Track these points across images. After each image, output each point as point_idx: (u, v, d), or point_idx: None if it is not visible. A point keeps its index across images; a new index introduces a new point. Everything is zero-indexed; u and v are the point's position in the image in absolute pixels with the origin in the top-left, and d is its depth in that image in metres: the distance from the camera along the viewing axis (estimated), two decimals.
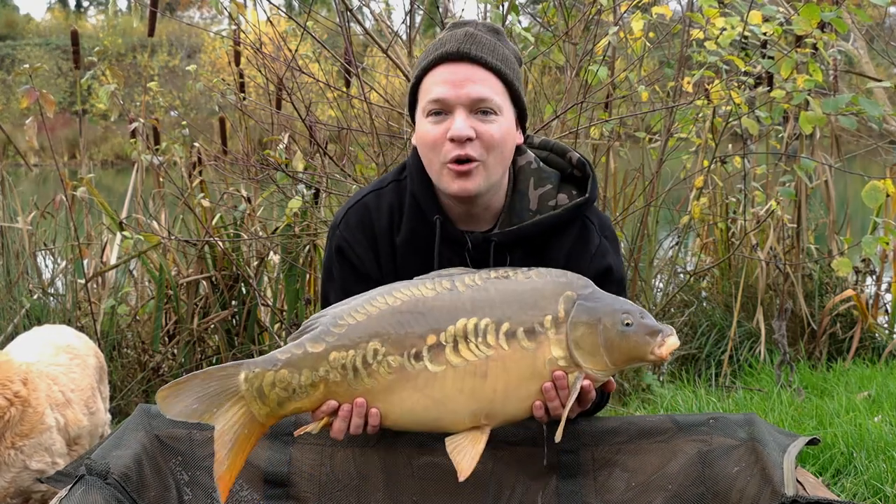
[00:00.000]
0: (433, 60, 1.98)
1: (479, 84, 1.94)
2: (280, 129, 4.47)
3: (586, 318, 1.80)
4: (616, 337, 1.80)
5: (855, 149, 5.91)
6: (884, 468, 2.98)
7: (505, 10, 3.69)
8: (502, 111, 1.96)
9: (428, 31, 5.36)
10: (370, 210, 2.10)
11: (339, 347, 1.80)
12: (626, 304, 1.84)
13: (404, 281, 1.88)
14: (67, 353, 2.71)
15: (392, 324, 1.80)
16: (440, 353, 1.78)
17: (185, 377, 1.81)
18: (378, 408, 1.81)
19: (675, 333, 1.82)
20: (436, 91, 1.95)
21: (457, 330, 1.78)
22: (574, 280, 1.86)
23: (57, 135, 9.12)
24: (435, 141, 1.96)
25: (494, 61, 1.96)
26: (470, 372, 1.78)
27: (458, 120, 1.92)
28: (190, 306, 4.20)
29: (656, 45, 4.46)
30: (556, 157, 2.14)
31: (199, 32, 23.99)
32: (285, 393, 1.81)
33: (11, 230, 4.29)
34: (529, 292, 1.82)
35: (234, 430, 1.81)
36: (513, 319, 1.79)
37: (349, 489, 2.07)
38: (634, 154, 5.13)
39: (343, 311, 1.83)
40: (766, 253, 4.73)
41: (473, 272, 1.87)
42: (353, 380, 1.80)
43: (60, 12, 46.34)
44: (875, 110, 3.21)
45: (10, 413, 2.31)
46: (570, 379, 1.80)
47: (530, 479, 2.06)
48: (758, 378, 4.32)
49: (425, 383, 1.78)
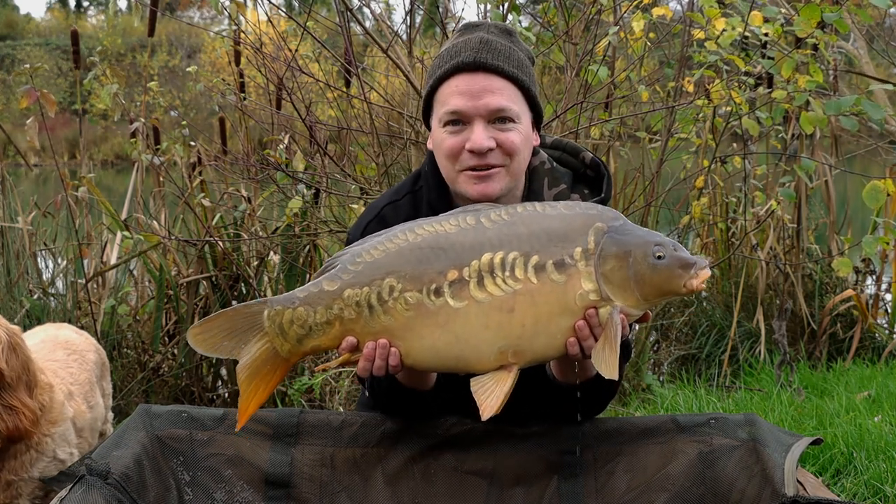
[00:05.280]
0: (449, 70, 1.97)
1: (496, 94, 1.94)
2: (280, 129, 4.47)
3: (616, 250, 1.76)
4: (647, 270, 1.75)
5: (855, 149, 5.91)
6: (884, 468, 2.98)
7: (505, 9, 3.69)
8: (520, 118, 1.97)
9: (428, 31, 5.35)
10: (388, 223, 2.06)
11: (354, 285, 1.80)
12: (658, 236, 1.80)
13: (428, 217, 1.87)
14: (65, 348, 2.72)
15: (410, 260, 1.78)
16: (463, 288, 1.75)
17: (214, 314, 1.86)
18: (399, 346, 1.79)
19: (707, 265, 1.78)
20: (453, 102, 1.95)
21: (482, 264, 1.75)
22: (604, 212, 1.82)
23: (57, 135, 9.12)
24: (453, 150, 1.97)
25: (511, 69, 1.95)
26: (496, 307, 1.74)
27: (478, 132, 1.93)
28: (190, 306, 4.20)
29: (657, 44, 4.46)
30: (568, 157, 2.14)
31: (199, 32, 24.04)
32: (303, 330, 1.83)
33: (11, 230, 4.28)
34: (558, 225, 1.78)
35: (256, 364, 1.84)
36: (542, 252, 1.75)
37: (350, 490, 2.07)
38: (634, 154, 5.13)
39: (362, 249, 1.83)
40: (766, 253, 4.73)
41: (500, 208, 1.84)
42: (369, 317, 1.79)
43: (60, 12, 46.35)
44: (877, 113, 3.20)
45: (45, 399, 2.32)
46: (601, 314, 1.76)
47: (531, 480, 2.06)
48: (758, 378, 4.32)
49: (447, 319, 1.75)
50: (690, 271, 1.76)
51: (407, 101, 4.17)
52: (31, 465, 2.27)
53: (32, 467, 2.28)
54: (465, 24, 2.08)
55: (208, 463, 2.07)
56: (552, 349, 1.78)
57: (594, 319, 1.75)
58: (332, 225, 4.18)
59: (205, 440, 2.07)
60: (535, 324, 1.75)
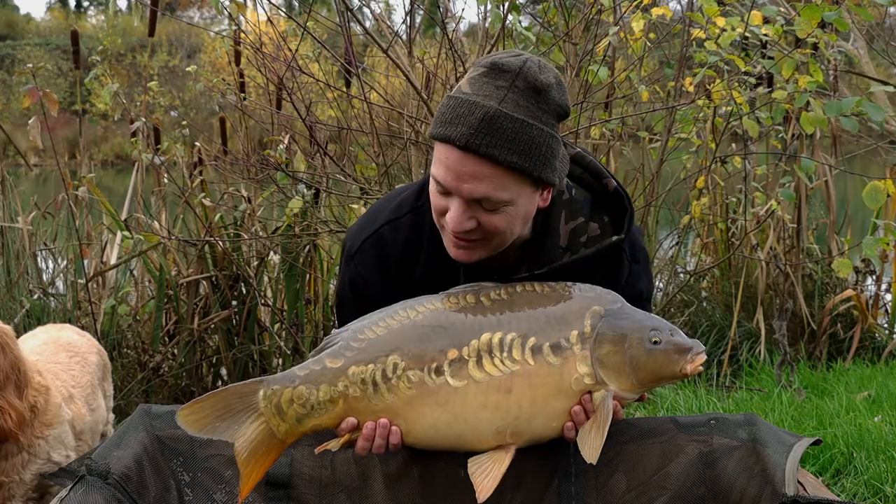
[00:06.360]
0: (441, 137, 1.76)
1: (484, 182, 1.73)
2: (280, 129, 4.47)
3: (612, 334, 1.76)
4: (643, 355, 1.75)
5: (855, 149, 5.91)
6: (884, 468, 2.98)
7: (505, 10, 3.68)
8: (513, 201, 1.78)
9: (428, 31, 5.35)
10: (387, 244, 2.01)
11: (359, 362, 1.78)
12: (656, 320, 1.79)
13: (428, 295, 1.84)
14: (67, 350, 2.71)
15: (412, 338, 1.77)
16: (462, 368, 1.75)
17: (206, 395, 1.82)
18: (399, 425, 1.78)
19: (703, 350, 1.78)
20: (439, 171, 1.78)
21: (481, 344, 1.75)
22: (603, 295, 1.81)
23: (57, 134, 9.11)
24: (437, 208, 1.84)
25: (509, 157, 1.71)
26: (494, 387, 1.74)
27: (456, 211, 1.77)
28: (190, 306, 4.20)
29: (657, 44, 4.46)
30: (590, 178, 1.98)
31: (199, 32, 24.02)
32: (304, 409, 1.80)
33: (11, 230, 4.28)
34: (556, 307, 1.79)
35: (252, 447, 1.80)
36: (539, 334, 1.76)
37: (350, 491, 2.07)
38: (635, 154, 5.13)
39: (363, 326, 1.81)
40: (767, 253, 4.73)
41: (500, 286, 1.82)
42: (373, 395, 1.77)
43: (60, 12, 46.31)
44: (878, 115, 3.19)
45: (39, 401, 2.31)
46: (595, 398, 1.76)
47: (532, 481, 2.06)
48: (758, 378, 4.32)
49: (447, 398, 1.75)
50: (687, 356, 1.76)
51: (407, 101, 4.17)
52: (23, 467, 2.26)
53: (25, 469, 2.26)
54: (493, 63, 1.76)
55: (208, 463, 2.08)
56: (549, 430, 1.80)
57: (590, 405, 1.76)
58: (332, 225, 4.18)
59: (205, 441, 2.07)
60: (532, 405, 1.76)
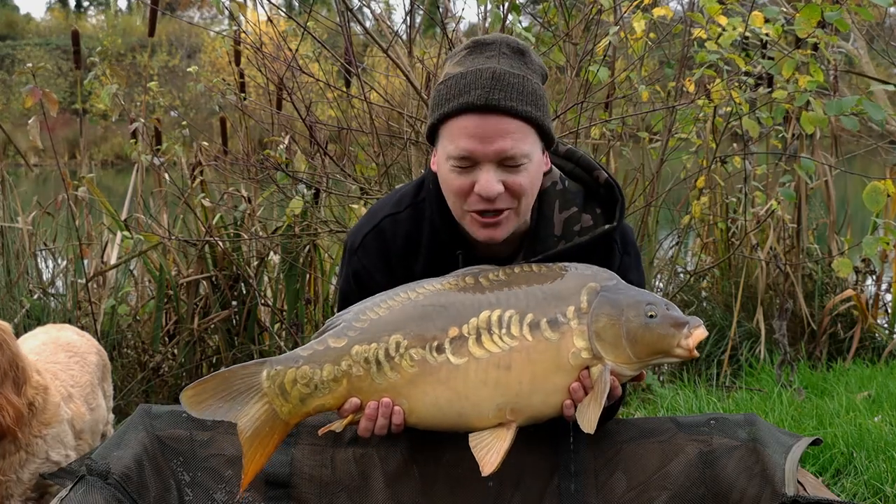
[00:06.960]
0: (458, 108, 1.83)
1: (508, 138, 1.81)
2: (280, 129, 4.47)
3: (608, 309, 1.79)
4: (639, 329, 1.77)
5: (855, 149, 5.91)
6: (884, 468, 2.98)
7: (505, 9, 3.68)
8: (531, 156, 1.86)
9: (428, 31, 5.35)
10: (387, 237, 2.05)
11: (362, 341, 1.81)
12: (651, 295, 1.82)
13: (429, 278, 1.88)
14: (67, 350, 2.71)
15: (414, 317, 1.81)
16: (462, 345, 1.78)
17: (209, 376, 1.83)
18: (402, 404, 1.81)
19: (702, 325, 1.79)
20: (462, 144, 1.83)
21: (479, 321, 1.79)
22: (599, 273, 1.85)
23: (57, 134, 9.12)
24: (461, 190, 1.88)
25: (524, 107, 1.83)
26: (493, 363, 1.77)
27: (486, 177, 1.83)
28: (190, 306, 4.20)
29: (657, 44, 4.46)
30: (581, 172, 2.04)
31: (199, 32, 24.03)
32: (307, 389, 1.82)
33: (11, 230, 4.28)
34: (553, 284, 1.82)
35: (255, 427, 1.82)
36: (536, 310, 1.79)
37: (350, 490, 2.07)
38: (635, 154, 5.13)
39: (366, 307, 1.85)
40: (766, 253, 4.73)
41: (498, 268, 1.87)
42: (377, 373, 1.80)
43: (60, 12, 46.31)
44: (879, 114, 3.20)
45: (38, 400, 2.31)
46: (593, 373, 1.78)
47: (531, 480, 2.06)
48: (758, 378, 4.32)
49: (448, 376, 1.78)
50: (683, 330, 1.77)
51: (407, 101, 4.18)
52: (20, 466, 2.26)
53: (23, 468, 2.26)
54: (475, 42, 1.91)
55: (208, 463, 2.08)
56: (549, 407, 1.81)
57: (588, 381, 1.78)
58: (333, 225, 4.18)
59: (205, 440, 2.08)
60: (532, 381, 1.78)
